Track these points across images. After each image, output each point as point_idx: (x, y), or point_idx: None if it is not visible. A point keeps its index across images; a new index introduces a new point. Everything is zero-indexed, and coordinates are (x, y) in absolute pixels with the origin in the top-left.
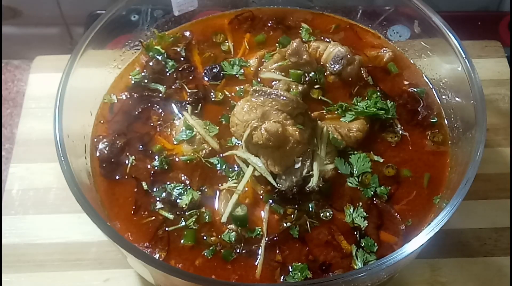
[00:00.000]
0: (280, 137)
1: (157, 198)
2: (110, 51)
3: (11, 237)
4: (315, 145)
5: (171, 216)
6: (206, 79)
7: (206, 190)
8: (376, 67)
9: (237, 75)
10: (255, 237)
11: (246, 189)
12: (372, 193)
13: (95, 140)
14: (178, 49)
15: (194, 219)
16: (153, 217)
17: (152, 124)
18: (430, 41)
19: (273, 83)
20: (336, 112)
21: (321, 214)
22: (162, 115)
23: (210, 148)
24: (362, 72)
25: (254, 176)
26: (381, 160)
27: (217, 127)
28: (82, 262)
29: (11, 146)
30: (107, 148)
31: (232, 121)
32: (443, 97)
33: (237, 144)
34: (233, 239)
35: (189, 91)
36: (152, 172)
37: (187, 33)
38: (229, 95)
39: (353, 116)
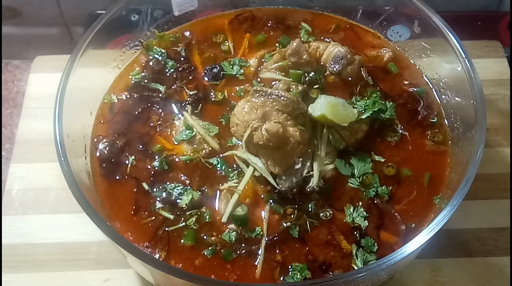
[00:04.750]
0: (280, 138)
1: (157, 198)
2: (110, 51)
3: (11, 237)
4: (315, 145)
5: (171, 216)
6: (206, 79)
7: (206, 190)
8: (376, 67)
9: (237, 75)
10: (255, 237)
11: (246, 188)
12: (374, 193)
13: (95, 140)
14: (178, 49)
15: (194, 219)
16: (153, 217)
17: (152, 124)
18: (430, 41)
19: (273, 83)
20: None
21: (321, 214)
22: (162, 115)
23: (210, 148)
24: (362, 72)
25: (254, 176)
26: (382, 160)
27: (217, 127)
28: (82, 262)
29: (11, 146)
30: (107, 148)
31: (232, 121)
32: (443, 97)
33: (237, 144)
34: (233, 239)
35: (189, 91)
36: (152, 172)
37: (187, 33)
38: (228, 96)
39: None
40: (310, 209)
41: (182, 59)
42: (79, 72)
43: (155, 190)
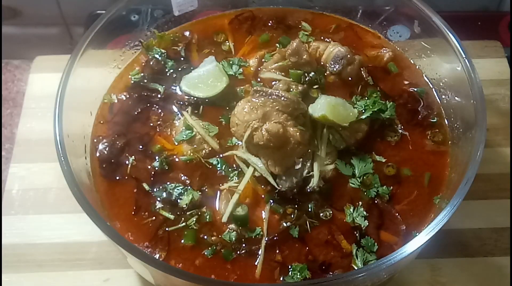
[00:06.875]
0: (281, 138)
1: (158, 198)
2: (110, 51)
3: (11, 237)
4: (315, 146)
5: (171, 216)
6: None
7: (206, 190)
8: (376, 67)
9: (236, 75)
10: (255, 237)
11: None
12: (375, 193)
13: (95, 140)
14: (178, 49)
15: (194, 219)
16: (154, 217)
17: (152, 124)
18: (430, 41)
19: (273, 83)
20: None
21: (321, 214)
22: (162, 115)
23: (210, 148)
24: (362, 72)
25: (255, 176)
26: (383, 160)
27: (217, 127)
28: (82, 262)
29: (11, 146)
30: (107, 149)
31: (232, 121)
32: (443, 97)
33: (237, 144)
34: (233, 239)
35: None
36: (152, 172)
37: (187, 33)
38: None
39: None
40: (310, 209)
41: (182, 59)
42: (79, 72)
43: (155, 190)
